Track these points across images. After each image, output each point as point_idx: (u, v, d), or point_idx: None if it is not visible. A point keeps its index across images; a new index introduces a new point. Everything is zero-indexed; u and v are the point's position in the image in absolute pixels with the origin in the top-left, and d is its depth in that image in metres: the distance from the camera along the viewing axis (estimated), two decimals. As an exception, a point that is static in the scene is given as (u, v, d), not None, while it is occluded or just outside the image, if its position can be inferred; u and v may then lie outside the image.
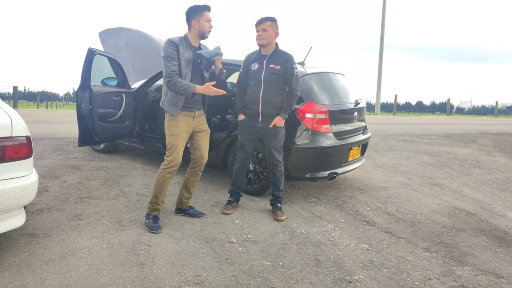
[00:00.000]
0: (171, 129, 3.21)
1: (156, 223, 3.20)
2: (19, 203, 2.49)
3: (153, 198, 3.24)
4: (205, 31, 3.17)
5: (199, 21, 3.13)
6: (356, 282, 2.61)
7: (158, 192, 3.22)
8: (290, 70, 3.48)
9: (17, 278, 2.37)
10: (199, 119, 3.35)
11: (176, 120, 3.20)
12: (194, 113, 3.29)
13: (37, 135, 6.26)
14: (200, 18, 3.13)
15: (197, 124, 3.32)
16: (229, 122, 4.46)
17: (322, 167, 4.00)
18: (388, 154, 6.71)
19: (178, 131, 3.20)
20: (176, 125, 3.20)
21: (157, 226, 3.17)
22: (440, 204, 4.35)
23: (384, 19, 20.59)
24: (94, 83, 4.33)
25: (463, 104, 48.31)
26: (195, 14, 3.13)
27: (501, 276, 2.86)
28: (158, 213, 3.26)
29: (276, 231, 3.30)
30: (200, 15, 3.12)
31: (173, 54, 3.09)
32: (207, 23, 3.15)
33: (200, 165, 3.42)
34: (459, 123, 13.81)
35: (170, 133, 3.21)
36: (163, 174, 3.20)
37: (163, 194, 3.25)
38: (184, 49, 3.15)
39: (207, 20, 3.15)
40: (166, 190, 3.26)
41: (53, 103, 37.83)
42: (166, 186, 3.23)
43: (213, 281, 2.49)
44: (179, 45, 3.12)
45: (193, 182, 3.47)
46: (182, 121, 3.21)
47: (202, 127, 3.38)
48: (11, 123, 2.41)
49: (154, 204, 3.23)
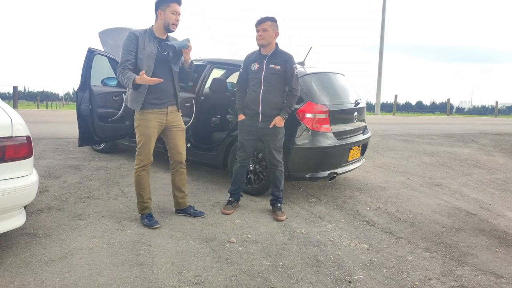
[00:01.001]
0: (142, 129, 3.14)
1: (152, 219, 3.22)
2: (19, 203, 2.49)
3: (138, 198, 3.27)
4: (170, 23, 3.05)
5: (165, 11, 3.02)
6: (356, 282, 2.61)
7: (141, 192, 3.24)
8: (290, 70, 3.48)
9: (17, 278, 2.37)
10: (173, 116, 3.24)
11: (146, 119, 3.12)
12: (167, 109, 3.19)
13: (37, 135, 6.26)
14: (166, 8, 3.02)
15: (171, 120, 3.23)
16: (229, 122, 4.47)
17: (322, 167, 4.00)
18: (388, 154, 6.71)
19: (149, 131, 3.14)
20: (147, 125, 3.13)
21: (154, 222, 3.19)
22: (440, 204, 4.35)
23: (384, 19, 20.60)
24: (94, 83, 4.33)
25: (463, 104, 48.30)
26: (162, 4, 3.03)
27: (501, 276, 2.86)
28: (149, 210, 3.28)
29: (276, 231, 3.30)
30: (166, 5, 3.01)
31: (130, 47, 3.01)
32: (173, 15, 3.03)
33: (180, 163, 3.37)
34: (459, 123, 13.80)
35: (141, 132, 3.15)
36: (138, 173, 3.22)
37: (146, 192, 3.26)
38: (147, 41, 3.04)
39: (173, 12, 3.03)
40: (147, 187, 3.26)
41: (53, 103, 37.83)
42: (146, 184, 3.24)
43: (213, 281, 2.49)
44: (140, 37, 3.03)
45: (181, 181, 3.43)
46: (152, 120, 3.13)
47: (176, 123, 3.28)
48: (11, 123, 2.41)
49: (141, 204, 3.26)
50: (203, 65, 4.76)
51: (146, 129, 3.14)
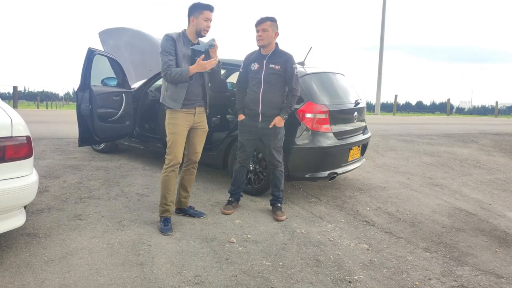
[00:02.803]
0: (171, 127, 3.21)
1: (168, 225, 3.17)
2: (19, 203, 2.49)
3: (162, 199, 3.24)
4: (202, 29, 3.17)
5: (197, 18, 3.14)
6: (356, 282, 2.61)
7: (165, 193, 3.22)
8: (290, 70, 3.48)
9: (17, 278, 2.37)
10: (199, 116, 3.34)
11: (177, 118, 3.20)
12: (195, 109, 3.29)
13: (37, 135, 6.26)
14: (199, 15, 3.13)
15: (197, 121, 3.32)
16: (229, 122, 4.46)
17: (322, 167, 4.00)
18: (388, 154, 6.71)
19: (179, 129, 3.20)
20: (176, 123, 3.20)
21: (168, 228, 3.14)
22: (440, 204, 4.35)
23: (384, 19, 20.60)
24: (94, 83, 4.33)
25: (463, 104, 48.32)
26: (195, 10, 3.14)
27: (501, 276, 2.86)
28: (170, 214, 3.25)
29: (276, 231, 3.30)
30: (199, 12, 3.13)
31: (169, 49, 3.10)
32: (204, 22, 3.15)
33: (194, 163, 3.42)
34: (459, 123, 13.81)
35: (171, 131, 3.22)
36: (166, 174, 3.21)
37: (171, 194, 3.25)
38: (182, 45, 3.16)
39: (205, 19, 3.15)
40: (173, 189, 3.26)
41: (53, 103, 37.84)
42: (172, 185, 3.24)
43: (213, 281, 2.49)
44: (176, 40, 3.13)
45: (189, 181, 3.47)
46: (182, 119, 3.21)
47: (201, 124, 3.37)
48: (11, 123, 2.41)
49: (164, 206, 3.23)
50: None
51: (175, 127, 3.20)
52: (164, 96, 3.25)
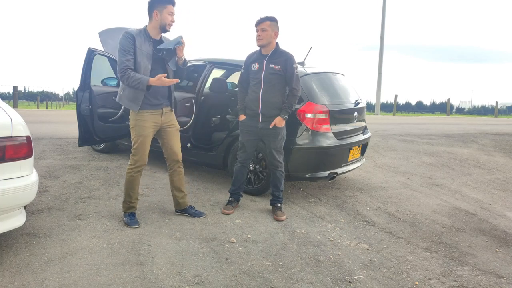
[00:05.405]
0: (138, 129, 3.15)
1: (134, 218, 3.24)
2: (19, 203, 2.49)
3: (126, 197, 3.27)
4: (167, 24, 3.11)
5: (161, 12, 3.07)
6: (356, 282, 2.61)
7: (130, 192, 3.25)
8: (290, 70, 3.47)
9: (17, 278, 2.37)
10: (167, 116, 3.28)
11: (143, 120, 3.14)
12: (162, 110, 3.23)
13: (37, 135, 6.26)
14: (162, 9, 3.07)
15: (165, 121, 3.27)
16: (229, 122, 4.47)
17: (322, 167, 4.00)
18: (388, 154, 6.71)
19: (145, 131, 3.15)
20: (143, 126, 3.15)
21: (135, 221, 3.21)
22: (440, 204, 4.35)
23: (384, 19, 20.59)
24: (94, 83, 4.33)
25: (463, 104, 48.32)
26: (158, 5, 3.07)
27: (501, 276, 2.86)
28: (134, 210, 3.31)
29: (276, 231, 3.30)
30: (163, 6, 3.07)
31: (128, 47, 3.02)
32: (169, 16, 3.10)
33: (177, 162, 3.40)
34: (459, 123, 13.80)
35: (137, 133, 3.16)
36: (131, 174, 3.22)
37: (135, 192, 3.27)
38: (142, 41, 3.07)
39: (169, 13, 3.09)
40: (137, 188, 3.28)
41: (53, 103, 37.86)
42: (136, 185, 3.26)
43: (213, 281, 2.49)
44: (136, 37, 3.05)
45: (179, 181, 3.45)
46: (148, 120, 3.16)
47: (170, 123, 3.32)
48: (11, 123, 2.41)
49: (128, 203, 3.27)
50: (203, 65, 4.76)
51: (142, 129, 3.15)
52: (120, 95, 3.18)
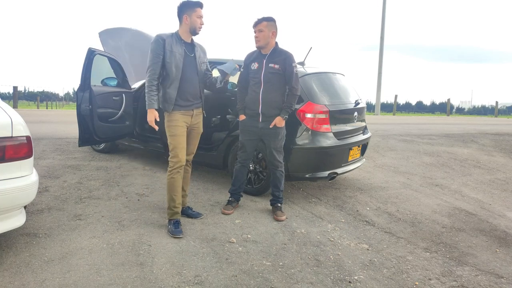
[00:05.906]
0: (171, 130, 3.23)
1: (178, 227, 3.15)
2: (19, 203, 2.50)
3: (170, 202, 3.22)
4: (196, 27, 3.20)
5: (191, 16, 3.15)
6: (356, 282, 2.61)
7: (173, 195, 3.21)
8: (289, 69, 3.47)
9: (17, 278, 2.37)
10: (196, 118, 3.37)
11: (175, 120, 3.22)
12: (193, 111, 3.31)
13: (37, 135, 6.26)
14: (192, 13, 3.15)
15: (194, 122, 3.35)
16: (229, 122, 4.46)
17: (322, 167, 4.00)
18: (388, 154, 6.71)
19: (178, 131, 3.22)
20: (175, 125, 3.22)
21: (179, 230, 3.12)
22: (440, 204, 4.35)
23: (384, 19, 20.59)
24: (94, 83, 4.33)
25: (463, 104, 48.36)
26: (187, 9, 3.15)
27: (501, 276, 2.86)
28: (179, 216, 3.24)
29: (276, 231, 3.30)
30: (192, 10, 3.15)
31: (158, 50, 3.12)
32: (198, 19, 3.18)
33: (188, 161, 3.44)
34: (459, 123, 13.80)
35: (171, 133, 3.23)
36: (171, 176, 3.20)
37: (178, 196, 3.23)
38: (174, 43, 3.16)
39: (198, 16, 3.17)
40: (180, 190, 3.26)
41: (53, 103, 37.88)
42: (178, 187, 3.24)
43: (213, 281, 2.49)
44: (166, 39, 3.14)
45: (185, 179, 3.47)
46: (180, 120, 3.23)
47: (197, 126, 3.40)
48: (11, 123, 2.41)
49: (173, 208, 3.21)
50: None
51: (175, 129, 3.22)
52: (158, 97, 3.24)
